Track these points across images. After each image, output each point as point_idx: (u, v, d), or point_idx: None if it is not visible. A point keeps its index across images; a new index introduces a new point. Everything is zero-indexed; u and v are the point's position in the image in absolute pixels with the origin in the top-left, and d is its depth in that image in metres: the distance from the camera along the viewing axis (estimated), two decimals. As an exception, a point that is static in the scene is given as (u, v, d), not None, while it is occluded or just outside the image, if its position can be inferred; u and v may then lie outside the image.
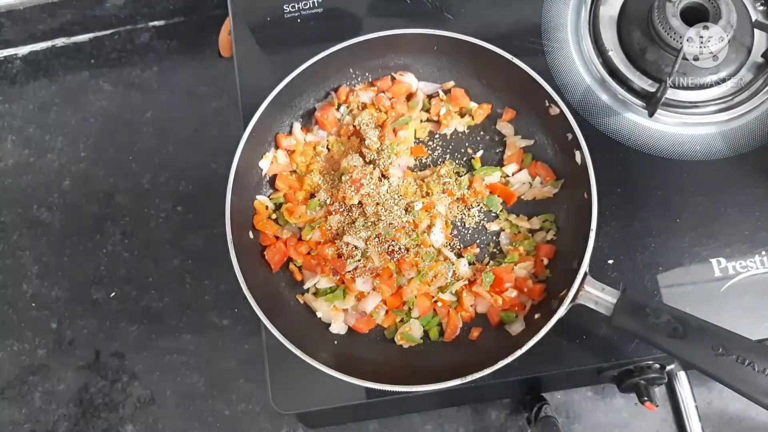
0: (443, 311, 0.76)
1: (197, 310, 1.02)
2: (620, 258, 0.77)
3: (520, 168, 0.81)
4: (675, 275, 0.76)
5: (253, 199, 0.80)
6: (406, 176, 0.80)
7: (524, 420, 0.91)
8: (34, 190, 1.11)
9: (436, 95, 0.84)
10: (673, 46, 0.79)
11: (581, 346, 0.74)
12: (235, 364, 0.99)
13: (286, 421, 0.96)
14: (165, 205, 1.07)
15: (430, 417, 0.94)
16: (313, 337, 0.75)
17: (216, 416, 0.97)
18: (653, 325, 0.64)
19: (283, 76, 0.77)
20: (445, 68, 0.84)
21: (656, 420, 0.90)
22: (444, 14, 0.89)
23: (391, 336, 0.76)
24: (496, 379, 0.70)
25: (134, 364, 1.01)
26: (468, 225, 0.80)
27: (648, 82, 0.82)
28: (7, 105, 1.16)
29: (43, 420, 1.00)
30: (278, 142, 0.82)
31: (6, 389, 1.02)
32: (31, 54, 1.19)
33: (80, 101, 1.14)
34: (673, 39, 0.78)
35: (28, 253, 1.08)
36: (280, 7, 0.91)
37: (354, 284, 0.75)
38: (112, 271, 1.05)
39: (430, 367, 0.73)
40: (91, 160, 1.11)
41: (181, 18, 1.18)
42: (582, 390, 0.93)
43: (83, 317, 1.04)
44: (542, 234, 0.78)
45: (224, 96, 1.11)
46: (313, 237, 0.78)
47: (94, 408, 1.00)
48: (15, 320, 1.05)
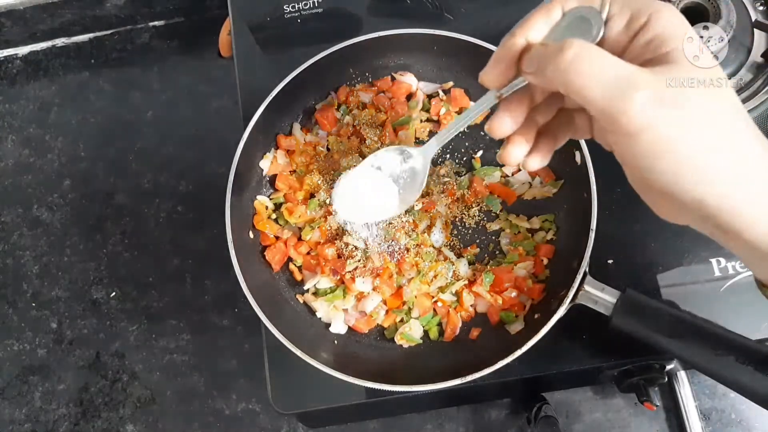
0: (443, 311, 0.76)
1: (197, 310, 1.02)
2: (620, 258, 0.77)
3: (520, 168, 0.81)
4: (675, 275, 0.76)
5: (253, 199, 0.80)
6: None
7: (524, 420, 0.91)
8: (34, 190, 1.11)
9: (436, 95, 0.84)
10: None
11: (581, 346, 0.74)
12: (235, 364, 0.99)
13: (286, 421, 0.96)
14: (165, 205, 1.07)
15: (430, 417, 0.94)
16: (313, 337, 0.75)
17: (216, 416, 0.97)
18: (653, 325, 0.64)
19: (283, 76, 0.77)
20: (445, 68, 0.84)
21: (656, 420, 0.90)
22: (444, 14, 0.89)
23: (391, 336, 0.76)
24: (496, 379, 0.70)
25: (134, 364, 1.01)
26: (468, 225, 0.80)
27: (648, 82, 0.82)
28: (7, 105, 1.16)
29: (43, 420, 1.00)
30: (278, 142, 0.82)
31: (6, 389, 1.02)
32: (31, 54, 1.19)
33: (80, 101, 1.15)
34: (673, 39, 0.78)
35: (28, 253, 1.08)
36: (280, 7, 0.91)
37: (354, 284, 0.75)
38: (112, 271, 1.05)
39: (430, 367, 0.73)
40: (91, 160, 1.11)
41: (181, 18, 1.18)
42: (582, 390, 0.93)
43: (83, 317, 1.04)
44: (542, 234, 0.78)
45: (224, 96, 1.12)
46: (313, 237, 0.78)
47: (94, 408, 1.00)
48: (15, 320, 1.05)
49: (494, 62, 0.47)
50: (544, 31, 0.46)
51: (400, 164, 0.66)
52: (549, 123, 0.52)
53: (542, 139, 0.52)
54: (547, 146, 0.52)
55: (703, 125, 0.40)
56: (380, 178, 0.66)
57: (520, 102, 0.49)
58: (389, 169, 0.66)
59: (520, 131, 0.50)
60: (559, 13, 0.45)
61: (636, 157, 0.41)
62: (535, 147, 0.52)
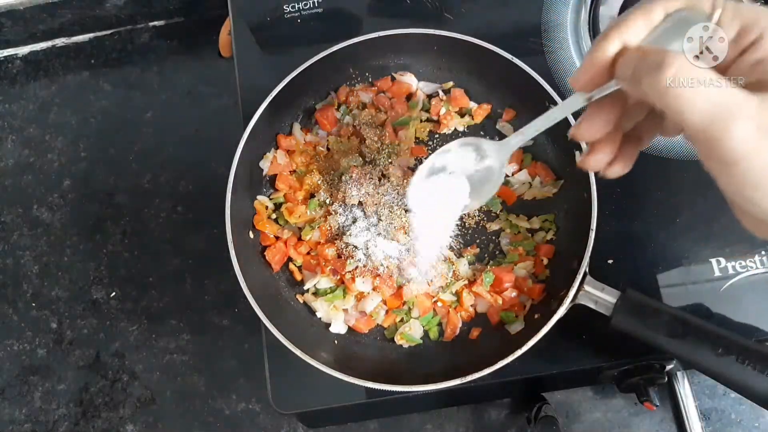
0: (443, 311, 0.76)
1: (197, 310, 1.02)
2: (620, 258, 0.77)
3: (520, 168, 0.81)
4: (675, 275, 0.76)
5: (253, 199, 0.80)
6: (406, 176, 0.80)
7: (524, 420, 0.91)
8: (34, 190, 1.11)
9: (436, 95, 0.84)
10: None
11: (581, 346, 0.74)
12: (235, 364, 0.99)
13: (286, 420, 0.96)
14: (165, 205, 1.07)
15: (430, 417, 0.94)
16: (313, 337, 0.75)
17: (216, 416, 0.97)
18: (653, 325, 0.64)
19: (283, 76, 0.77)
20: (445, 68, 0.84)
21: (656, 420, 0.90)
22: (444, 14, 0.89)
23: (391, 336, 0.76)
24: (496, 379, 0.70)
25: (134, 364, 1.01)
26: (468, 225, 0.80)
27: (648, 82, 0.82)
28: (7, 105, 1.16)
29: (43, 420, 1.00)
30: (278, 142, 0.82)
31: (6, 389, 1.02)
32: (31, 54, 1.19)
33: (80, 101, 1.14)
34: (673, 39, 0.78)
35: (28, 253, 1.08)
36: (280, 7, 0.91)
37: (354, 284, 0.75)
38: (112, 271, 1.05)
39: (430, 367, 0.73)
40: (91, 160, 1.11)
41: (181, 18, 1.18)
42: (582, 390, 0.93)
43: (83, 317, 1.04)
44: (542, 234, 0.78)
45: (224, 96, 1.11)
46: (313, 237, 0.78)
47: (94, 408, 1.00)
48: (15, 320, 1.05)
49: (586, 66, 0.44)
50: (642, 34, 0.42)
51: (474, 163, 0.62)
52: (637, 125, 0.48)
53: (627, 143, 0.48)
54: (632, 150, 0.48)
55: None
56: (452, 176, 0.63)
57: (612, 106, 0.45)
58: (460, 167, 0.62)
59: (607, 136, 0.47)
60: (660, 15, 0.42)
61: (732, 185, 0.39)
62: (620, 152, 0.48)
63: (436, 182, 0.64)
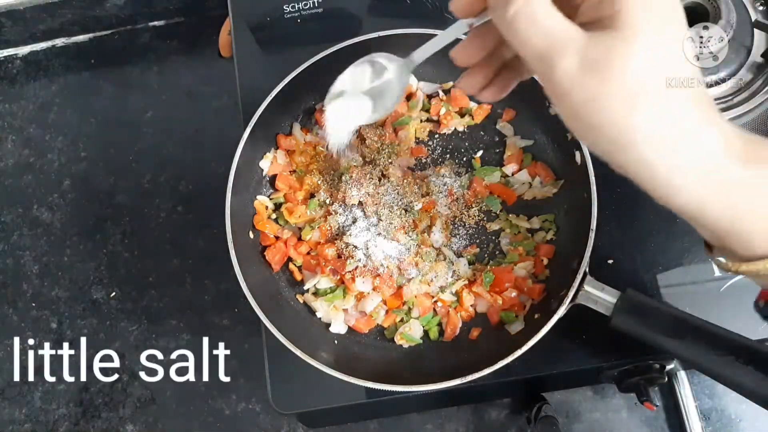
0: (443, 311, 0.76)
1: (197, 310, 1.02)
2: (620, 258, 0.77)
3: (520, 168, 0.81)
4: (675, 275, 0.76)
5: (253, 199, 0.80)
6: (406, 176, 0.80)
7: (524, 420, 0.91)
8: (34, 190, 1.11)
9: (436, 95, 0.84)
10: (673, 46, 0.79)
11: (581, 346, 0.74)
12: (235, 364, 0.99)
13: (286, 420, 0.96)
14: (165, 205, 1.07)
15: (430, 417, 0.94)
16: (313, 337, 0.75)
17: (216, 416, 0.97)
18: (653, 325, 0.64)
19: (283, 76, 0.77)
20: (445, 68, 0.84)
21: (656, 420, 0.90)
22: (444, 14, 0.89)
23: (391, 336, 0.76)
24: (496, 379, 0.70)
25: (134, 364, 1.01)
26: (468, 225, 0.80)
27: (648, 82, 0.82)
28: (7, 105, 1.16)
29: (43, 420, 1.00)
30: (278, 142, 0.82)
31: (6, 389, 1.02)
32: (31, 54, 1.19)
33: (80, 101, 1.15)
34: (673, 39, 0.78)
35: (28, 253, 1.08)
36: (280, 7, 0.91)
37: (354, 284, 0.75)
38: (112, 271, 1.05)
39: (430, 367, 0.73)
40: (91, 160, 1.11)
41: (181, 18, 1.18)
42: (582, 390, 0.93)
43: (83, 317, 1.04)
44: (542, 234, 0.78)
45: (224, 96, 1.12)
46: (313, 237, 0.78)
47: (94, 408, 1.00)
48: (15, 320, 1.05)
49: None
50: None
51: (370, 79, 0.64)
52: (515, 57, 0.50)
53: (504, 72, 0.51)
54: (509, 79, 0.51)
55: (624, 92, 0.38)
56: (348, 96, 0.65)
57: (489, 34, 0.48)
58: (355, 86, 0.64)
59: (483, 61, 0.49)
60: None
61: (562, 114, 0.42)
62: (496, 79, 0.51)
63: (336, 105, 0.66)
